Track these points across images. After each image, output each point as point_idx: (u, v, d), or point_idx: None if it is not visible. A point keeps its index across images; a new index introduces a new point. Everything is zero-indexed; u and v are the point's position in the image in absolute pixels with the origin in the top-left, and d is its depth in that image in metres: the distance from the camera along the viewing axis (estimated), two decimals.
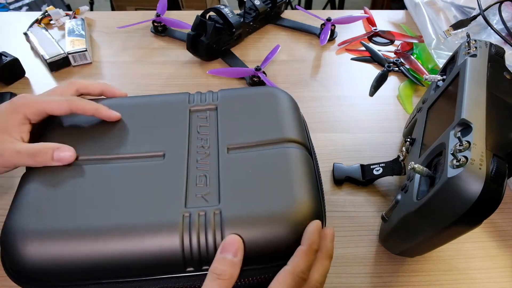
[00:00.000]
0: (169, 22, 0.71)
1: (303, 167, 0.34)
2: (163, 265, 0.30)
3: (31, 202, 0.31)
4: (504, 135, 0.31)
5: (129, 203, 0.31)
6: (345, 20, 0.72)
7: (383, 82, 0.63)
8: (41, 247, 0.29)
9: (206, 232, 0.30)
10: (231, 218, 0.30)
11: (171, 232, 0.29)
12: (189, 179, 0.33)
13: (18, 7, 1.37)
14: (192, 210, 0.31)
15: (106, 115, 0.37)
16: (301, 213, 0.31)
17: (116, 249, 0.29)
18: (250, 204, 0.31)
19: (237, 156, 0.35)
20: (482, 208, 0.27)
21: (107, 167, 0.34)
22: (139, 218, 0.30)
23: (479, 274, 0.40)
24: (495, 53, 0.40)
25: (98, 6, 2.03)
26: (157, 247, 0.29)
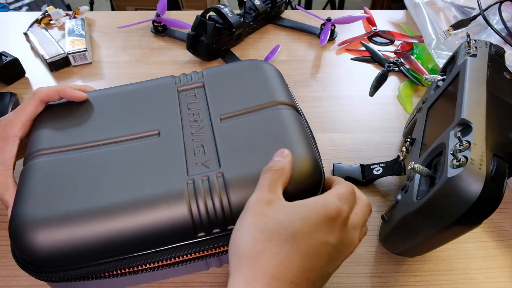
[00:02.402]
0: (169, 22, 0.71)
1: (296, 125, 0.35)
2: (174, 234, 0.30)
3: (36, 190, 0.31)
4: (504, 135, 0.31)
5: (133, 180, 0.31)
6: (345, 20, 0.72)
7: (383, 82, 0.63)
8: (52, 233, 0.29)
9: (212, 196, 0.30)
10: (234, 179, 0.31)
11: (178, 200, 0.30)
12: (187, 151, 0.34)
13: (18, 7, 1.37)
14: (195, 177, 0.31)
15: (71, 96, 0.38)
16: (301, 167, 0.31)
17: (126, 225, 0.29)
18: (251, 164, 0.32)
19: (231, 123, 0.35)
20: (482, 208, 0.27)
21: (106, 150, 0.34)
22: (144, 192, 0.30)
23: (479, 274, 0.40)
24: (495, 53, 0.40)
25: (98, 6, 2.03)
26: (166, 217, 0.29)
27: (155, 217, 0.29)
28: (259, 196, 0.28)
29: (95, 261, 0.30)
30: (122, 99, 0.39)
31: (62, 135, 0.36)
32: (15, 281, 0.39)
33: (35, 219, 0.29)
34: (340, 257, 0.28)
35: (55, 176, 0.32)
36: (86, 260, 0.30)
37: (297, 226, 0.26)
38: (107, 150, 0.34)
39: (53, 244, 0.28)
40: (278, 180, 0.29)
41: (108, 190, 0.31)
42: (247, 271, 0.25)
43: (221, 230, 0.31)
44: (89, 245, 0.29)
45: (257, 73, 0.40)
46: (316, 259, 0.26)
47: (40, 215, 0.29)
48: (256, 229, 0.26)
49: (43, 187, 0.31)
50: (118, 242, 0.29)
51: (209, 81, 0.40)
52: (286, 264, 0.25)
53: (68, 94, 0.38)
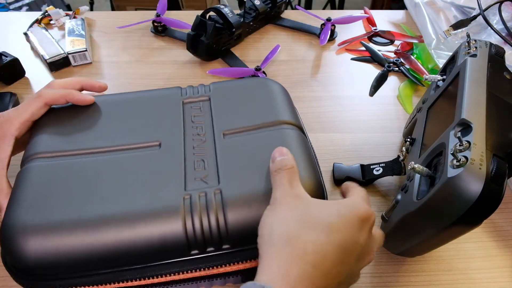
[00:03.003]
0: (169, 22, 0.71)
1: (300, 145, 0.34)
2: (167, 250, 0.29)
3: (30, 195, 0.31)
4: (504, 135, 0.31)
5: (129, 192, 0.31)
6: (345, 20, 0.72)
7: (383, 82, 0.63)
8: (42, 241, 0.28)
9: (208, 213, 0.29)
10: (232, 197, 0.30)
11: (173, 215, 0.29)
12: (187, 164, 0.33)
13: (18, 7, 1.37)
14: (192, 192, 0.30)
15: (78, 100, 0.38)
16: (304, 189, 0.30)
17: (119, 237, 0.28)
18: (250, 182, 0.31)
19: (234, 140, 0.35)
20: (482, 208, 0.27)
21: (104, 159, 0.34)
22: (139, 205, 0.30)
23: (479, 274, 0.40)
24: (495, 53, 0.40)
25: (98, 6, 2.03)
26: (160, 232, 0.29)
27: (148, 231, 0.29)
28: (284, 191, 0.28)
29: (84, 272, 0.29)
30: (126, 107, 0.39)
31: (62, 140, 0.36)
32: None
33: (27, 225, 0.29)
34: (363, 261, 0.28)
35: (51, 181, 0.32)
36: (75, 270, 0.29)
37: (332, 220, 0.26)
38: (106, 158, 0.34)
39: (43, 252, 0.28)
40: (295, 177, 0.29)
41: (103, 200, 0.30)
42: (282, 255, 0.25)
43: (216, 249, 0.30)
44: (79, 256, 0.28)
45: (264, 91, 0.40)
46: (348, 254, 0.26)
47: (32, 222, 0.29)
48: (291, 219, 0.26)
49: (37, 192, 0.31)
50: (110, 255, 0.29)
51: (215, 95, 0.39)
52: (323, 253, 0.25)
53: (75, 98, 0.38)
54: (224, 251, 0.30)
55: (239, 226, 0.29)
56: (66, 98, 0.38)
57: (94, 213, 0.29)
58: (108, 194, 0.31)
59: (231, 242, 0.30)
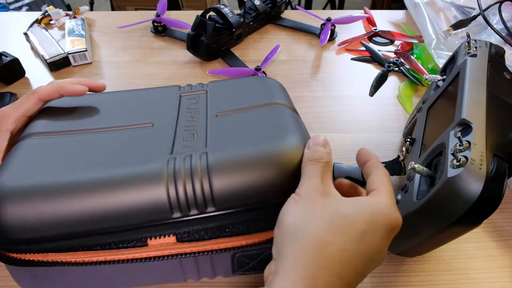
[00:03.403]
0: (169, 22, 0.71)
1: (292, 120, 0.34)
2: (149, 214, 0.29)
3: (16, 164, 0.31)
4: (504, 135, 0.31)
5: (114, 159, 0.31)
6: (345, 20, 0.72)
7: (383, 82, 0.63)
8: (22, 203, 0.28)
9: (192, 175, 0.29)
10: (218, 159, 0.29)
11: (155, 176, 0.29)
12: (177, 137, 0.33)
13: (18, 7, 1.37)
14: (177, 156, 0.30)
15: (71, 91, 0.38)
16: (291, 154, 0.30)
17: (101, 200, 0.28)
18: (238, 147, 0.30)
19: (226, 117, 0.35)
20: (482, 208, 0.27)
21: (96, 135, 0.34)
22: (122, 169, 0.29)
23: (479, 274, 0.40)
24: (495, 53, 0.40)
25: (98, 6, 2.03)
26: (141, 194, 0.28)
27: (130, 192, 0.28)
28: (314, 185, 0.27)
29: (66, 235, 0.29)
30: (123, 100, 0.39)
31: (57, 123, 0.36)
32: (15, 281, 0.39)
33: (6, 189, 0.28)
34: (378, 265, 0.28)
35: (39, 153, 0.32)
36: (53, 233, 0.29)
37: (364, 227, 0.25)
38: (96, 135, 0.34)
39: (21, 214, 0.28)
40: (329, 173, 0.28)
41: (86, 166, 0.30)
42: (310, 260, 0.23)
43: (200, 212, 0.29)
44: (60, 218, 0.28)
45: (260, 83, 0.40)
46: (371, 264, 0.25)
47: (11, 185, 0.29)
48: (323, 219, 0.25)
49: (23, 162, 0.31)
50: (91, 217, 0.28)
51: (212, 89, 0.40)
52: (350, 264, 0.24)
53: (68, 90, 0.38)
54: (208, 214, 0.29)
55: (224, 188, 0.28)
56: (59, 91, 0.38)
57: (77, 177, 0.29)
58: (92, 161, 0.31)
59: (216, 204, 0.29)
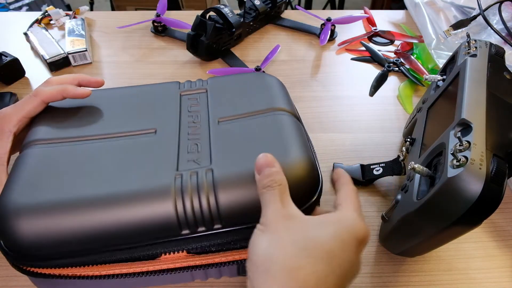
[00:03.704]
0: (169, 22, 0.71)
1: (294, 129, 0.35)
2: (158, 229, 0.29)
3: (24, 177, 0.31)
4: (504, 135, 0.31)
5: (122, 173, 0.31)
6: (345, 20, 0.72)
7: (383, 82, 0.63)
8: (36, 221, 0.28)
9: (199, 191, 0.29)
10: (223, 176, 0.30)
11: (164, 194, 0.29)
12: (181, 148, 0.33)
13: (18, 7, 1.37)
14: (183, 172, 0.31)
15: (74, 94, 0.38)
16: (296, 167, 0.30)
17: (110, 217, 0.29)
18: (242, 162, 0.31)
19: (228, 125, 0.35)
20: (482, 208, 0.27)
21: (100, 144, 0.34)
22: (131, 185, 0.30)
23: (479, 274, 0.40)
24: (495, 53, 0.40)
25: (98, 6, 2.03)
26: (151, 211, 0.29)
27: (140, 210, 0.29)
28: (275, 211, 0.27)
29: (77, 252, 0.29)
30: (124, 99, 0.39)
31: (59, 129, 0.36)
32: (15, 281, 0.39)
33: (19, 206, 0.29)
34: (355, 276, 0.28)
35: (46, 165, 0.32)
36: (67, 250, 0.29)
37: (331, 245, 0.25)
38: (101, 144, 0.34)
39: (36, 232, 0.28)
40: (286, 194, 0.28)
41: (96, 181, 0.30)
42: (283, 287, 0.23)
43: (207, 228, 0.30)
44: (72, 235, 0.28)
45: (260, 82, 0.40)
46: (346, 279, 0.25)
47: (25, 202, 0.29)
48: (289, 245, 0.25)
49: (31, 175, 0.31)
50: (102, 234, 0.29)
51: (212, 87, 0.40)
52: (324, 284, 0.24)
53: (71, 93, 0.38)
54: (216, 231, 0.30)
55: (230, 205, 0.29)
56: (62, 93, 0.38)
57: (86, 193, 0.29)
58: (100, 175, 0.31)
59: (223, 221, 0.30)
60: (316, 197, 0.32)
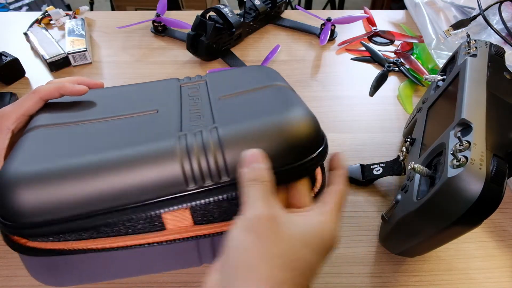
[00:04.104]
0: (169, 22, 0.71)
1: (295, 96, 0.35)
2: (164, 187, 0.29)
3: (24, 152, 0.31)
4: (504, 135, 0.31)
5: (126, 141, 0.31)
6: (345, 20, 0.72)
7: (383, 82, 0.63)
8: (34, 187, 0.28)
9: (205, 149, 0.29)
10: (228, 132, 0.30)
11: (169, 152, 0.29)
12: (183, 118, 0.33)
13: (18, 7, 1.37)
14: (188, 132, 0.31)
15: (72, 91, 0.38)
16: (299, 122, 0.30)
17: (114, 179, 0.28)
18: (247, 120, 0.31)
19: (229, 99, 0.36)
20: (482, 208, 0.27)
21: (102, 124, 0.34)
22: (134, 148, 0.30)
23: (479, 274, 0.40)
24: (495, 53, 0.40)
25: (98, 6, 2.03)
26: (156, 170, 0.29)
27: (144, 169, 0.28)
28: (261, 210, 0.26)
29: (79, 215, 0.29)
30: (124, 93, 0.40)
31: (62, 115, 0.36)
32: (15, 281, 0.39)
33: (17, 174, 0.28)
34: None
35: (48, 142, 0.32)
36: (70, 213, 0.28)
37: (312, 258, 0.25)
38: (103, 123, 0.34)
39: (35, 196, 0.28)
40: (272, 192, 0.27)
41: (98, 150, 0.30)
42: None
43: (214, 182, 0.30)
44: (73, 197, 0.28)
45: (257, 71, 0.41)
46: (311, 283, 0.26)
47: (23, 171, 0.29)
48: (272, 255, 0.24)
49: (32, 150, 0.31)
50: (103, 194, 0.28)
51: (211, 78, 0.41)
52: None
53: (69, 90, 0.38)
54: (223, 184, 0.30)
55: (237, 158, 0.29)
56: (59, 91, 0.38)
57: (87, 159, 0.29)
58: (103, 146, 0.31)
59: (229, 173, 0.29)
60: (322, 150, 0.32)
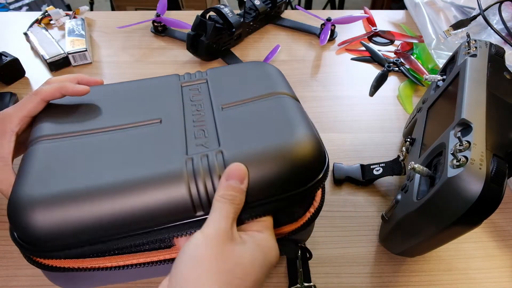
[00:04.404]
0: (169, 22, 0.71)
1: (298, 110, 0.35)
2: (173, 213, 0.30)
3: (34, 171, 0.31)
4: (504, 135, 0.31)
5: (132, 161, 0.32)
6: (345, 20, 0.72)
7: (383, 82, 0.63)
8: (50, 212, 0.28)
9: (211, 174, 0.30)
10: (233, 156, 0.30)
11: (176, 179, 0.30)
12: (188, 134, 0.34)
13: (18, 7, 1.37)
14: (194, 156, 0.31)
15: (73, 91, 0.38)
16: (303, 144, 0.31)
17: (123, 204, 0.29)
18: (250, 143, 0.31)
19: (232, 110, 0.36)
20: (482, 208, 0.27)
21: (107, 136, 0.35)
22: (143, 171, 0.30)
23: (479, 274, 0.40)
24: (495, 53, 0.40)
25: (98, 6, 2.03)
26: (165, 196, 0.29)
27: (153, 195, 0.29)
28: (220, 229, 0.27)
29: (92, 240, 0.30)
30: (125, 93, 0.40)
31: (63, 124, 0.36)
32: (15, 281, 0.39)
33: (33, 197, 0.29)
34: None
35: (55, 158, 0.32)
36: (82, 238, 0.29)
37: (257, 275, 0.27)
38: (107, 135, 0.35)
39: (52, 222, 0.28)
40: (237, 213, 0.28)
41: (107, 170, 0.31)
42: None
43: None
44: (86, 223, 0.29)
45: (259, 70, 0.41)
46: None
47: (37, 193, 0.29)
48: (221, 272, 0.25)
49: (42, 168, 0.31)
50: (116, 222, 0.29)
51: (212, 78, 0.41)
52: None
53: (70, 90, 0.38)
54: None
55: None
56: (61, 91, 0.38)
57: (98, 182, 0.30)
58: (111, 164, 0.31)
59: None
60: (323, 175, 0.33)
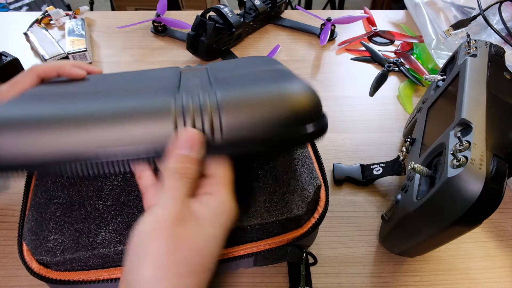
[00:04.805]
0: (169, 22, 0.71)
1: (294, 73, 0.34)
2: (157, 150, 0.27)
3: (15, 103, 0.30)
4: (504, 135, 0.31)
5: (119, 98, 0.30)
6: (345, 20, 0.72)
7: (383, 82, 0.63)
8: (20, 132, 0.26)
9: (201, 112, 0.27)
10: (227, 96, 0.28)
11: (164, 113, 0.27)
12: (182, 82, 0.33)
13: (18, 7, 1.37)
14: (184, 94, 0.29)
15: (70, 73, 0.38)
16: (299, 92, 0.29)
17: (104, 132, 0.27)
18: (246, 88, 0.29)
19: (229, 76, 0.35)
20: (482, 208, 0.27)
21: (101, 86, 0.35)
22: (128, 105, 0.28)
23: (479, 274, 0.40)
24: (495, 53, 0.40)
25: (98, 6, 2.03)
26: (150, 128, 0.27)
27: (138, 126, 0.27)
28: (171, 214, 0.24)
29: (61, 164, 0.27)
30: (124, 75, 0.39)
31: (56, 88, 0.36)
32: (15, 281, 0.39)
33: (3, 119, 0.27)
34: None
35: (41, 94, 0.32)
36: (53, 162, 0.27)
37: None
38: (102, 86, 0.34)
39: (21, 140, 0.26)
40: (191, 188, 0.26)
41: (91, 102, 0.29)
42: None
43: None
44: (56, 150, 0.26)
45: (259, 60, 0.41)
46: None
47: (9, 115, 0.27)
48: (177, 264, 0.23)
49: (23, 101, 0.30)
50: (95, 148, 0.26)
51: (212, 65, 0.41)
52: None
53: (67, 71, 0.38)
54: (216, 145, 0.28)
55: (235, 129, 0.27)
56: (57, 70, 0.38)
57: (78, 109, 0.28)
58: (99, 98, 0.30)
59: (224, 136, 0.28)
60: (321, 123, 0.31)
